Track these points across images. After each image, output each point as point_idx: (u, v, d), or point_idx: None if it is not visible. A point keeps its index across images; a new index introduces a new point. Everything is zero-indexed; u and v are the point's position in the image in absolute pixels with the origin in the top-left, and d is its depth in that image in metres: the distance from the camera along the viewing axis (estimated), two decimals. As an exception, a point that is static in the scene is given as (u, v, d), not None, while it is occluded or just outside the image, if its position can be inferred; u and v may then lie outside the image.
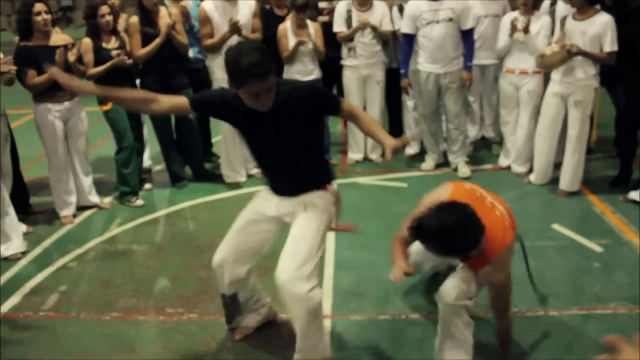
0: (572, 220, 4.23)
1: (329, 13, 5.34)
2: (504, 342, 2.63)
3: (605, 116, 5.91)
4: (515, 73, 4.80)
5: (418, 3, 4.77)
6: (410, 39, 4.89)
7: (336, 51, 5.20)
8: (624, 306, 3.11)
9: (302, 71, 4.97)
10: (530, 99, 4.78)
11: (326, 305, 3.11)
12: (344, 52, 5.21)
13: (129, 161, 4.65)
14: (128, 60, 4.42)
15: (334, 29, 5.12)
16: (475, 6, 4.92)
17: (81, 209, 4.58)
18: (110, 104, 4.50)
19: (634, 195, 4.39)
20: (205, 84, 5.15)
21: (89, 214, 4.57)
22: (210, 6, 4.70)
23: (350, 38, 5.10)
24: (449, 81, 4.88)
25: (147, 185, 5.08)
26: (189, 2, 5.08)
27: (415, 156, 5.52)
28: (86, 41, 4.36)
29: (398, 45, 5.26)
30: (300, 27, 4.88)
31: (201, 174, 5.22)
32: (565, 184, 4.57)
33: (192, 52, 5.03)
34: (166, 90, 4.73)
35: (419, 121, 5.31)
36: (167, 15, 4.64)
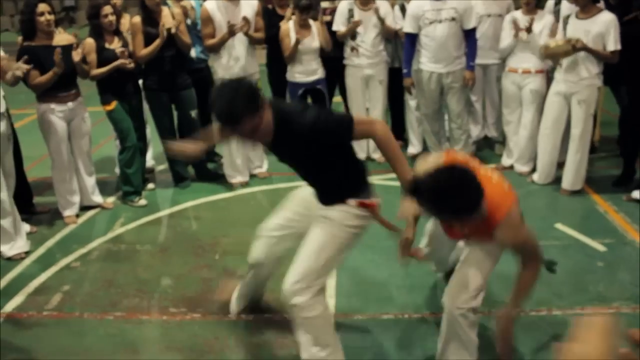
0: (575, 219, 4.22)
1: (331, 13, 5.34)
2: (518, 294, 2.42)
3: (609, 115, 5.90)
4: (518, 72, 4.78)
5: (421, 2, 4.77)
6: (413, 39, 4.89)
7: (338, 51, 5.20)
8: (627, 305, 3.11)
9: (306, 71, 4.98)
10: (533, 98, 4.77)
11: (329, 305, 3.11)
12: (346, 52, 5.20)
13: (132, 161, 4.65)
14: (130, 65, 4.43)
15: (333, 27, 5.12)
16: (478, 5, 4.92)
17: (84, 209, 4.59)
18: (113, 104, 4.51)
19: (637, 194, 4.38)
20: (208, 83, 5.15)
21: (92, 214, 4.58)
22: (212, 6, 4.71)
23: (353, 37, 5.09)
24: (452, 81, 4.88)
25: (150, 185, 5.09)
26: (191, 1, 5.08)
27: (417, 156, 5.51)
28: (89, 41, 4.36)
29: (400, 45, 5.26)
30: (303, 27, 4.88)
31: (204, 174, 5.22)
32: (568, 183, 4.57)
33: (194, 51, 5.02)
34: (169, 89, 4.77)
35: (422, 121, 5.31)
36: (169, 15, 4.63)
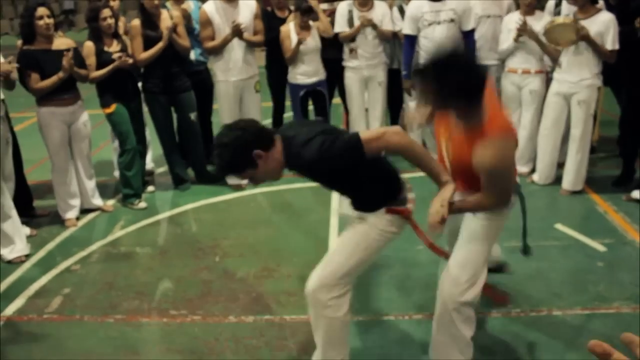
0: (575, 219, 4.22)
1: (330, 14, 5.34)
2: (464, 203, 2.35)
3: (608, 115, 5.90)
4: (518, 73, 4.78)
5: (420, 4, 4.77)
6: (412, 40, 4.88)
7: (338, 52, 5.20)
8: (628, 305, 3.10)
9: (307, 72, 4.98)
10: (532, 98, 4.77)
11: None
12: (345, 53, 5.20)
13: (132, 164, 4.65)
14: (130, 60, 4.43)
15: (335, 29, 5.11)
16: (477, 6, 4.92)
17: (84, 211, 4.59)
18: (113, 106, 4.51)
19: (636, 194, 4.37)
20: (207, 86, 5.17)
21: (92, 217, 4.58)
22: (211, 8, 4.71)
23: (352, 38, 5.10)
24: (451, 82, 4.87)
25: (150, 188, 5.09)
26: (190, 4, 5.09)
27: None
28: (88, 44, 4.37)
29: (399, 46, 5.26)
30: (303, 28, 4.89)
31: (204, 176, 5.22)
32: (568, 183, 4.57)
33: (194, 54, 5.03)
34: (168, 92, 4.77)
35: (421, 122, 5.30)
36: (168, 17, 4.64)
